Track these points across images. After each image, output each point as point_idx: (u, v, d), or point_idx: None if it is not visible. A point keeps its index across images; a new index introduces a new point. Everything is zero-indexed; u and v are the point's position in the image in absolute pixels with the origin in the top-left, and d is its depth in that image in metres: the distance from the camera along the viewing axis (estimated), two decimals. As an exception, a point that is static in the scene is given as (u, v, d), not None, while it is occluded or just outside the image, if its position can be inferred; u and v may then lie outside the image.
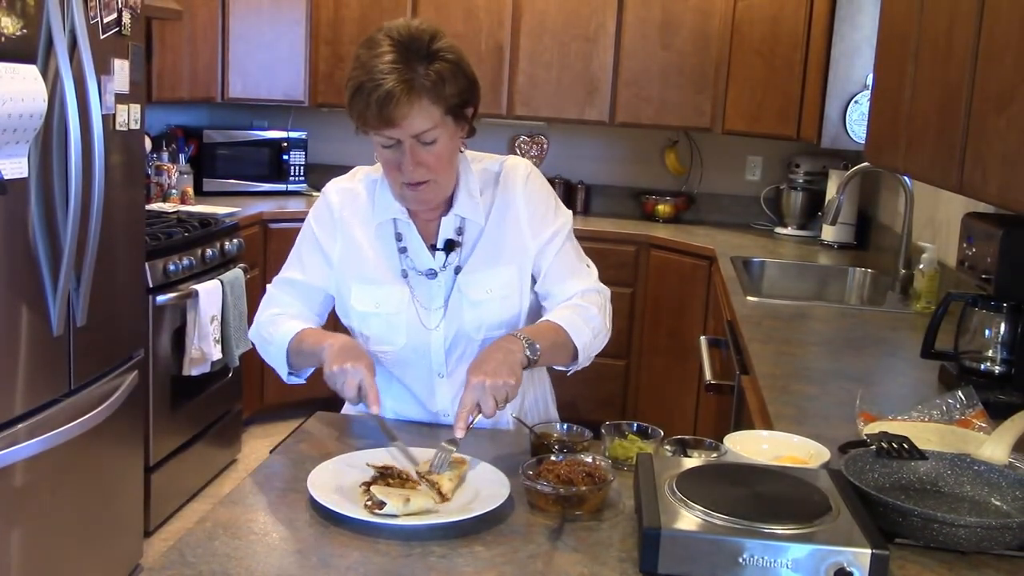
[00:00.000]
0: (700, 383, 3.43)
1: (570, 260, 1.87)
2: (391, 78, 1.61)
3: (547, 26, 4.79)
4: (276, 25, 4.87)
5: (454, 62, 1.68)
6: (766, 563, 1.20)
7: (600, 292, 1.88)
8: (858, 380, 2.17)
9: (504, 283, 1.82)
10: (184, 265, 3.50)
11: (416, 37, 1.65)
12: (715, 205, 5.15)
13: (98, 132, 2.60)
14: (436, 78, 1.64)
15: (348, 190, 1.88)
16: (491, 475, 1.53)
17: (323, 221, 1.88)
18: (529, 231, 1.84)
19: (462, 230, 1.83)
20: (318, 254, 1.87)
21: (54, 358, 2.61)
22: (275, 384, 4.53)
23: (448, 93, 1.66)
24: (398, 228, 1.83)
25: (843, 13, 3.99)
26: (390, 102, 1.61)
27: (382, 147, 1.70)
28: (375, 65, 1.62)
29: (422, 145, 1.68)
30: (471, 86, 1.72)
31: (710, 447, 1.60)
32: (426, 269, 1.82)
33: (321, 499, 1.40)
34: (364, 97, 1.63)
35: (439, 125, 1.67)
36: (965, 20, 1.98)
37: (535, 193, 1.87)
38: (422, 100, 1.63)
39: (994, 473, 1.47)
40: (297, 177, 5.06)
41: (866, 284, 3.80)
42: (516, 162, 1.90)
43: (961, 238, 2.26)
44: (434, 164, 1.70)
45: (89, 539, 2.84)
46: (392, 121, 1.63)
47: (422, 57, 1.64)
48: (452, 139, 1.72)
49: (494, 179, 1.86)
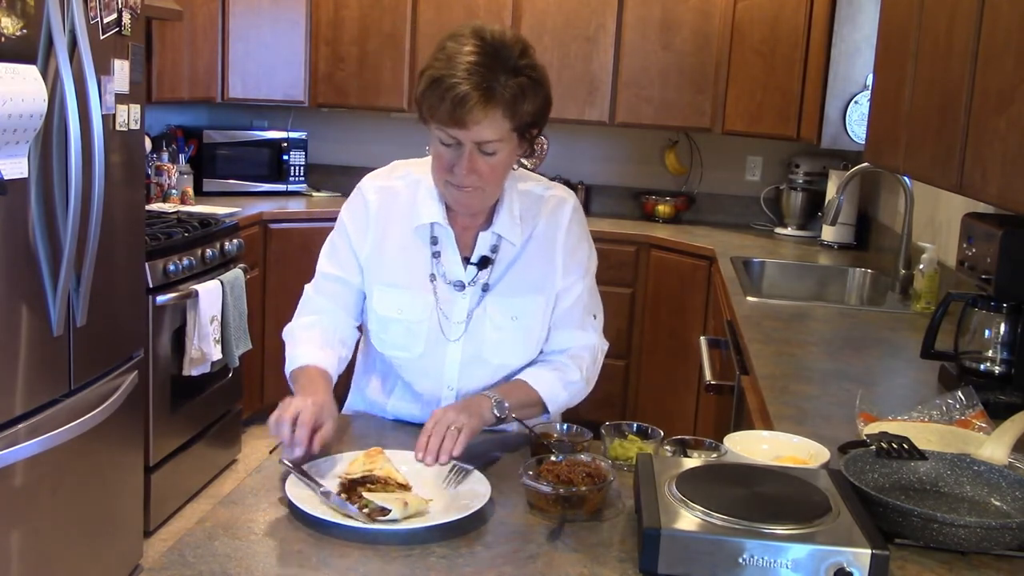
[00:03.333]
0: (700, 383, 3.44)
1: (580, 311, 1.86)
2: (472, 80, 1.58)
3: (547, 26, 4.79)
4: (276, 25, 4.87)
5: (537, 81, 1.66)
6: (766, 563, 1.20)
7: (593, 351, 1.87)
8: (858, 380, 2.17)
9: (530, 313, 1.81)
10: (184, 265, 3.50)
11: (507, 46, 1.63)
12: (715, 205, 5.15)
13: (98, 132, 2.60)
14: (516, 91, 1.62)
15: (387, 189, 1.85)
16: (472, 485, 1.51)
17: (357, 218, 1.85)
18: (561, 269, 1.83)
19: (497, 248, 1.81)
20: (349, 251, 1.84)
21: (54, 358, 2.61)
22: (275, 384, 4.56)
23: (523, 110, 1.64)
24: (435, 232, 1.80)
25: (843, 13, 3.99)
26: (464, 104, 1.58)
27: (441, 143, 1.67)
28: (458, 62, 1.59)
29: (481, 153, 1.65)
30: (546, 108, 1.70)
31: (710, 447, 1.60)
32: (455, 280, 1.80)
33: (310, 510, 1.38)
34: (439, 92, 1.60)
35: (504, 138, 1.65)
36: (965, 20, 1.98)
37: (576, 234, 1.85)
38: (497, 111, 1.61)
39: (994, 473, 1.47)
40: (297, 177, 5.06)
41: (866, 284, 3.79)
42: (564, 194, 1.87)
43: (961, 238, 2.26)
44: (487, 174, 1.68)
45: (89, 539, 2.84)
46: (462, 123, 1.61)
47: (508, 68, 1.61)
48: (511, 154, 1.70)
49: (537, 204, 1.84)
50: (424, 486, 1.50)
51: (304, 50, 4.95)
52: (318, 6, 4.94)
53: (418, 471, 1.55)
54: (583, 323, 1.86)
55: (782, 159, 5.01)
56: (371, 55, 4.92)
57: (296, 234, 4.47)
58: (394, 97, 4.92)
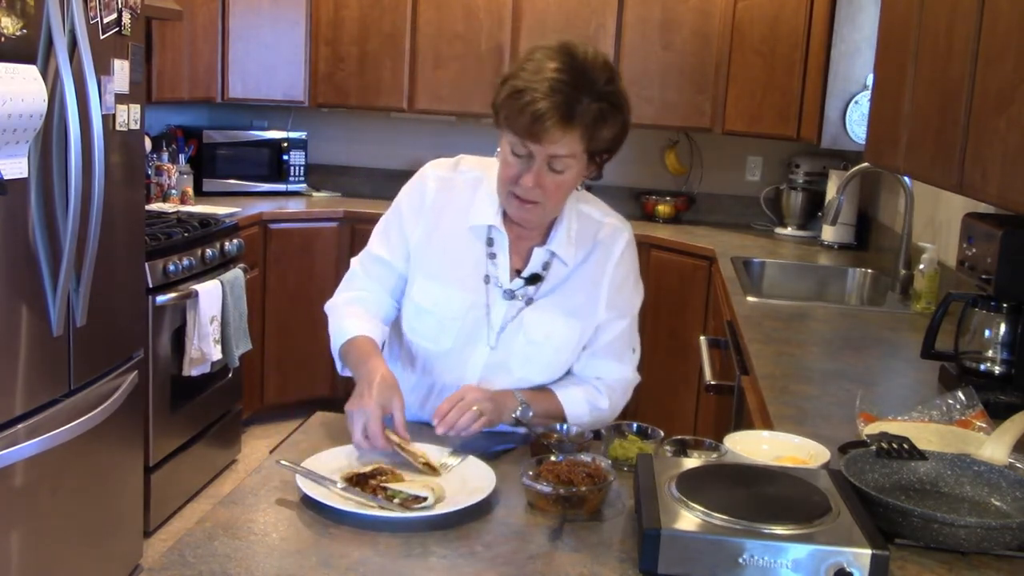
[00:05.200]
0: (700, 383, 3.44)
1: (620, 345, 1.86)
2: (554, 99, 1.57)
3: (547, 26, 4.78)
4: (276, 25, 4.87)
5: (619, 107, 1.65)
6: (766, 563, 1.20)
7: (625, 384, 1.88)
8: (858, 380, 2.17)
9: (564, 336, 1.80)
10: (184, 265, 3.50)
11: (595, 69, 1.62)
12: (715, 205, 5.14)
13: (98, 132, 2.60)
14: (597, 116, 1.61)
15: (447, 180, 1.84)
16: (478, 468, 1.55)
17: (414, 204, 1.84)
18: (605, 301, 1.82)
19: (549, 265, 1.80)
20: (400, 236, 1.84)
21: (54, 358, 2.61)
22: (275, 384, 4.58)
23: (601, 135, 1.64)
24: (491, 234, 1.80)
25: (843, 13, 3.99)
26: (543, 122, 1.58)
27: (512, 153, 1.67)
28: (543, 75, 1.59)
29: (550, 170, 1.65)
30: (622, 135, 1.69)
31: (710, 447, 1.60)
32: (505, 288, 1.79)
33: (341, 506, 1.40)
34: (519, 104, 1.59)
35: (576, 158, 1.65)
36: (965, 20, 1.98)
37: (626, 268, 1.85)
38: (575, 132, 1.60)
39: (994, 473, 1.47)
40: (297, 177, 5.06)
41: (866, 284, 3.79)
42: (620, 224, 1.86)
43: (961, 238, 2.26)
44: (552, 191, 1.68)
45: (89, 539, 2.84)
46: (538, 139, 1.60)
47: (592, 91, 1.60)
48: (578, 176, 1.70)
49: (593, 230, 1.83)
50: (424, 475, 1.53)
51: (304, 50, 4.95)
52: (318, 6, 4.93)
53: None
54: (622, 356, 1.87)
55: (782, 159, 5.00)
56: (371, 55, 4.92)
57: (296, 234, 4.47)
58: (394, 97, 4.92)
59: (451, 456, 1.59)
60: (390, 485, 1.45)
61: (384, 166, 5.23)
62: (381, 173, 5.24)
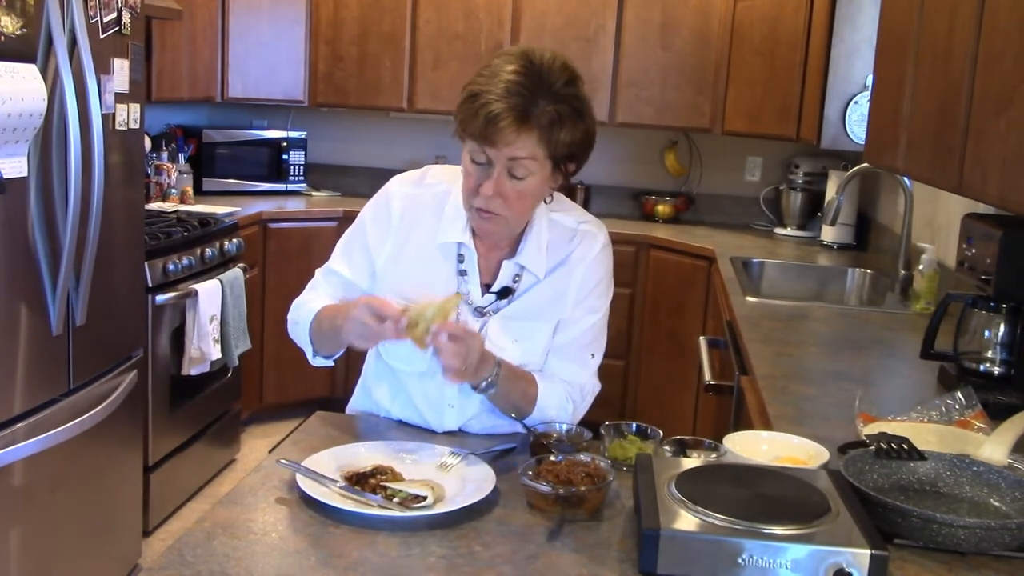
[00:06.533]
0: (699, 383, 3.44)
1: (580, 346, 1.82)
2: (508, 101, 1.55)
3: (547, 26, 4.79)
4: (276, 25, 4.87)
5: (579, 112, 1.62)
6: (765, 563, 1.20)
7: (583, 389, 1.82)
8: (857, 381, 2.17)
9: (530, 336, 1.77)
10: (183, 265, 3.50)
11: (552, 71, 1.59)
12: (715, 206, 5.15)
13: (98, 131, 2.60)
14: (554, 118, 1.58)
15: (414, 197, 1.80)
16: (477, 468, 1.55)
17: (379, 222, 1.81)
18: (572, 299, 1.79)
19: (519, 277, 1.77)
20: (365, 254, 1.81)
21: (53, 357, 2.61)
22: (274, 384, 4.57)
23: (559, 139, 1.60)
24: (460, 250, 1.77)
25: (843, 14, 3.99)
26: (497, 123, 1.55)
27: (472, 160, 1.64)
28: (499, 79, 1.57)
29: (511, 177, 1.62)
30: (585, 142, 1.65)
31: (709, 447, 1.60)
32: (476, 305, 1.77)
33: (340, 506, 1.40)
34: (474, 107, 1.57)
35: (538, 163, 1.61)
36: (965, 22, 1.98)
37: (596, 270, 1.81)
38: (531, 134, 1.58)
39: (993, 474, 1.47)
40: (296, 177, 5.06)
41: (865, 285, 3.80)
42: (595, 230, 1.82)
43: (961, 239, 2.26)
44: (514, 201, 1.64)
45: (88, 539, 2.84)
46: (492, 141, 1.58)
47: (548, 93, 1.58)
48: (542, 185, 1.66)
49: (567, 238, 1.79)
50: (424, 475, 1.53)
51: (304, 50, 4.95)
52: (318, 6, 4.94)
53: (416, 460, 1.58)
54: (578, 358, 1.82)
55: (782, 159, 5.01)
56: (371, 55, 4.92)
57: (295, 234, 4.47)
58: (394, 97, 4.92)
59: (451, 456, 1.59)
60: (390, 484, 1.45)
61: (384, 166, 5.22)
62: (381, 173, 5.18)
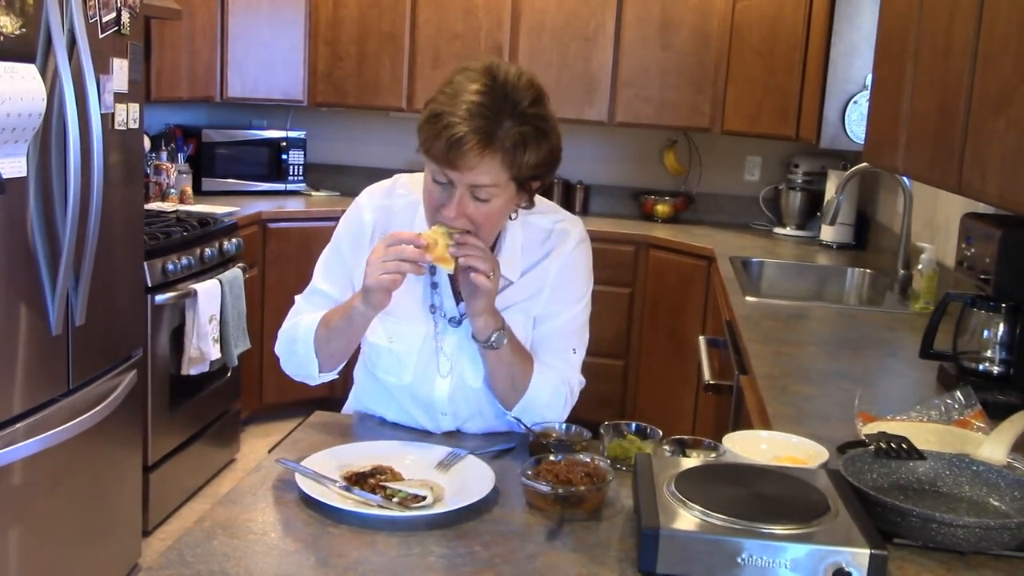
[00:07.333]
0: (699, 383, 3.43)
1: (561, 341, 1.78)
2: (472, 123, 1.49)
3: (546, 26, 4.79)
4: (275, 25, 4.87)
5: (544, 132, 1.57)
6: (765, 563, 1.20)
7: (571, 387, 1.78)
8: (857, 380, 2.17)
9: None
10: (183, 264, 3.50)
11: (518, 90, 1.54)
12: (714, 205, 5.15)
13: (97, 131, 2.60)
14: (518, 140, 1.53)
15: (386, 209, 1.78)
16: (477, 468, 1.55)
17: (353, 237, 1.79)
18: (548, 293, 1.77)
19: None
20: (343, 269, 1.80)
21: (52, 357, 2.61)
22: (274, 384, 4.57)
23: (524, 161, 1.55)
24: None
25: (842, 13, 3.99)
26: (460, 147, 1.50)
27: (433, 180, 1.60)
28: (462, 99, 1.51)
29: (474, 199, 1.57)
30: (551, 162, 1.62)
31: (709, 447, 1.60)
32: (451, 315, 1.75)
33: (339, 505, 1.40)
34: (436, 128, 1.51)
35: (501, 187, 1.57)
36: (964, 20, 1.98)
37: (574, 264, 1.78)
38: (495, 158, 1.52)
39: (992, 473, 1.47)
40: (296, 177, 5.06)
41: (865, 284, 3.80)
42: (570, 227, 1.80)
43: (960, 238, 2.26)
44: (479, 221, 1.59)
45: (87, 539, 2.84)
46: (455, 165, 1.52)
47: (514, 114, 1.53)
48: (507, 204, 1.62)
49: (542, 238, 1.77)
50: (423, 474, 1.53)
51: (303, 49, 4.95)
52: (317, 6, 4.93)
53: (415, 460, 1.58)
54: (562, 354, 1.79)
55: (781, 159, 5.01)
56: (370, 55, 4.92)
57: (295, 233, 4.47)
58: (393, 97, 4.92)
59: (450, 456, 1.59)
60: (389, 484, 1.45)
61: (383, 165, 5.22)
62: (380, 173, 5.19)
